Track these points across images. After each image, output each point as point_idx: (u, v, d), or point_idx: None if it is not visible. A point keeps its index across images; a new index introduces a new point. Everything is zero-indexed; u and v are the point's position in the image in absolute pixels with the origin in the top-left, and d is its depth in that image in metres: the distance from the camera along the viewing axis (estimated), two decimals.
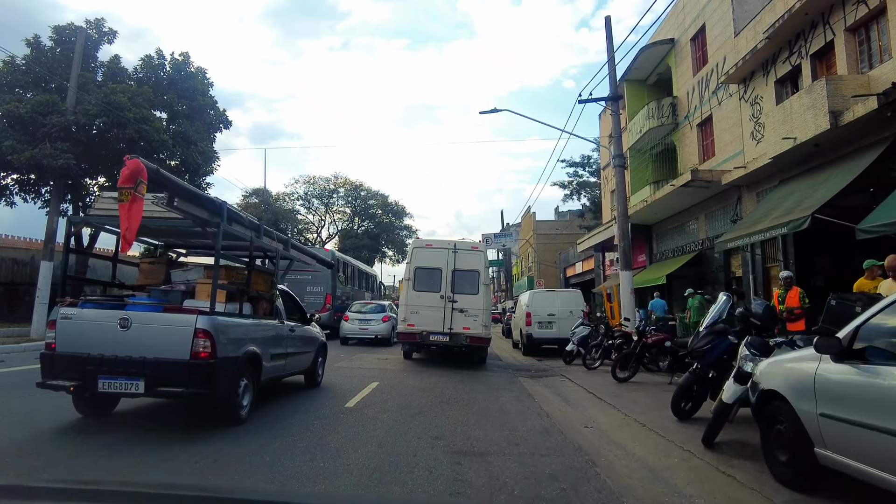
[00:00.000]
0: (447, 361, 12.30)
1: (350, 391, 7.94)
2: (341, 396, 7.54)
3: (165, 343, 4.82)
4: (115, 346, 4.77)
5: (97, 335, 4.83)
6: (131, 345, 4.78)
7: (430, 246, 11.45)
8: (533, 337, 15.51)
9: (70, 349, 4.83)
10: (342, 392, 7.91)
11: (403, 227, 47.68)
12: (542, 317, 15.32)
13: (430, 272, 11.10)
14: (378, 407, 6.91)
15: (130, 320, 4.87)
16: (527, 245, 49.68)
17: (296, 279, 16.69)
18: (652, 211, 18.17)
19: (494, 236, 30.92)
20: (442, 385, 9.15)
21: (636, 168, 21.40)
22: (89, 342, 4.80)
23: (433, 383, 9.32)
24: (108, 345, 4.78)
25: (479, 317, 10.98)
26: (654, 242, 20.99)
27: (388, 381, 9.22)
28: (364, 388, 8.26)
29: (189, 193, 5.17)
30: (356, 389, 8.08)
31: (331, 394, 7.81)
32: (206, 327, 4.85)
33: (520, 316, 17.07)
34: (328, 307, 17.97)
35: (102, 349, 4.77)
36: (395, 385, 8.91)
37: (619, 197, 14.59)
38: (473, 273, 11.21)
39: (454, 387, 9.02)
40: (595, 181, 39.20)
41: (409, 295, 11.03)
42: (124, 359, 4.73)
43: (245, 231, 6.04)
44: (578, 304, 15.71)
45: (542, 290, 18.96)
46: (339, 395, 7.71)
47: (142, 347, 4.78)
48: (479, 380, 10.16)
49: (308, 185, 44.60)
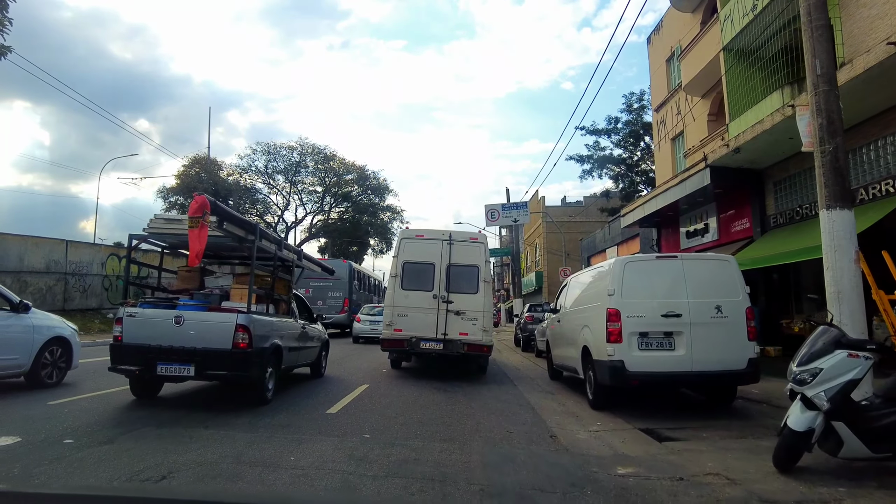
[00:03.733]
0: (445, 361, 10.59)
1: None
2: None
3: (212, 336, 5.96)
4: (171, 338, 5.92)
5: (156, 329, 6.00)
6: (184, 337, 5.93)
7: (421, 237, 10.05)
8: (626, 371, 6.15)
9: (134, 340, 5.97)
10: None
11: (386, 207, 39.33)
12: (649, 319, 6.20)
13: (420, 268, 9.73)
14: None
15: (183, 318, 6.02)
16: (533, 235, 42.02)
17: (319, 285, 19.41)
18: (781, 133, 10.26)
19: (503, 207, 23.05)
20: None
21: (736, 79, 13.42)
22: (149, 335, 5.96)
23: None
24: (165, 337, 5.93)
25: (479, 320, 9.43)
26: (769, 198, 13.02)
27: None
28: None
29: (235, 218, 6.60)
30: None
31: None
32: (245, 323, 6.01)
33: (579, 322, 7.52)
34: (346, 309, 20.79)
35: (160, 340, 5.92)
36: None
37: (816, 41, 6.43)
38: (472, 268, 9.70)
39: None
40: (619, 155, 31.31)
41: (396, 294, 9.63)
42: (178, 348, 5.90)
43: (270, 245, 7.30)
44: (735, 287, 6.47)
45: (642, 259, 7.52)
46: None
47: (192, 339, 5.93)
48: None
49: (267, 155, 36.29)
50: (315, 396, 7.25)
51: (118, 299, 23.47)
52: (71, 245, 21.09)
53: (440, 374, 9.89)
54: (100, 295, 22.38)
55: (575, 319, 7.72)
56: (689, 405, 7.13)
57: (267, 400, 6.43)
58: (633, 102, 31.13)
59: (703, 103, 16.62)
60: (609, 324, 6.12)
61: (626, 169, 32.19)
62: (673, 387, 7.22)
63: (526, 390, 8.31)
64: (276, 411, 6.03)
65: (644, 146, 31.97)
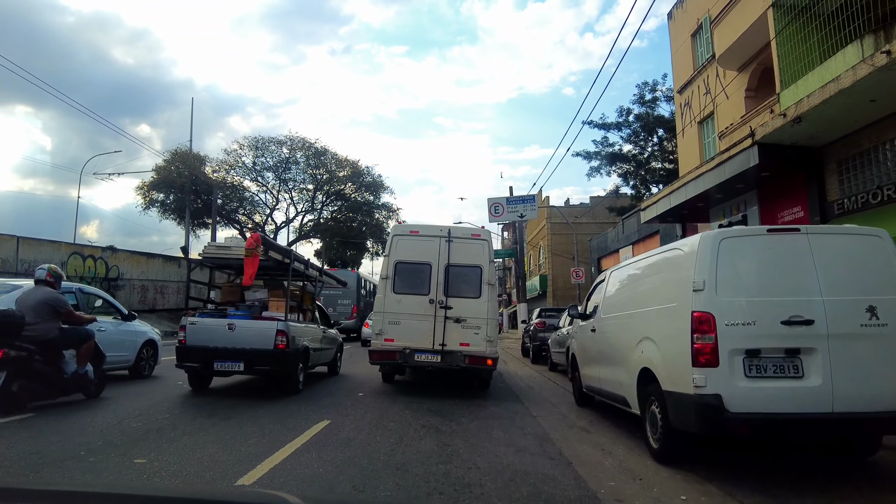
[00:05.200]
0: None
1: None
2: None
3: (257, 339, 7.42)
4: (225, 341, 7.37)
5: (213, 334, 7.44)
6: (235, 340, 7.39)
7: (416, 233, 9.20)
8: (727, 413, 3.78)
9: (195, 343, 7.42)
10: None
11: (382, 205, 36.76)
12: (762, 329, 3.81)
13: (415, 268, 8.84)
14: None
15: (235, 325, 7.49)
16: (537, 237, 40.06)
17: (330, 293, 20.66)
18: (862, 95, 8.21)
19: (507, 201, 20.52)
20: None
21: (791, 39, 11.38)
22: (208, 338, 7.41)
23: None
24: (220, 340, 7.38)
25: (482, 329, 8.40)
26: (831, 180, 10.92)
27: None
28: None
29: (277, 248, 8.75)
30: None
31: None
32: (283, 329, 7.47)
33: (633, 332, 5.18)
34: (354, 315, 22.63)
35: (216, 343, 7.36)
36: None
37: None
38: (474, 269, 8.74)
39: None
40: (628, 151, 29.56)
41: (387, 299, 8.68)
42: (231, 349, 7.34)
43: (299, 265, 8.88)
44: (894, 276, 4.06)
45: (746, 234, 4.88)
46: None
47: (242, 341, 7.39)
48: None
49: (255, 150, 33.94)
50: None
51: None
52: (23, 242, 18.82)
53: (434, 394, 8.32)
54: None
55: (624, 328, 5.48)
56: (796, 457, 4.89)
57: (298, 390, 7.90)
58: (645, 93, 29.12)
59: (740, 78, 14.54)
60: (696, 336, 3.84)
61: (635, 166, 30.19)
62: (801, 437, 4.54)
63: (550, 425, 6.06)
64: (304, 400, 7.63)
65: (655, 142, 29.97)
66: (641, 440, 5.05)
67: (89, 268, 21.69)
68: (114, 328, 8.36)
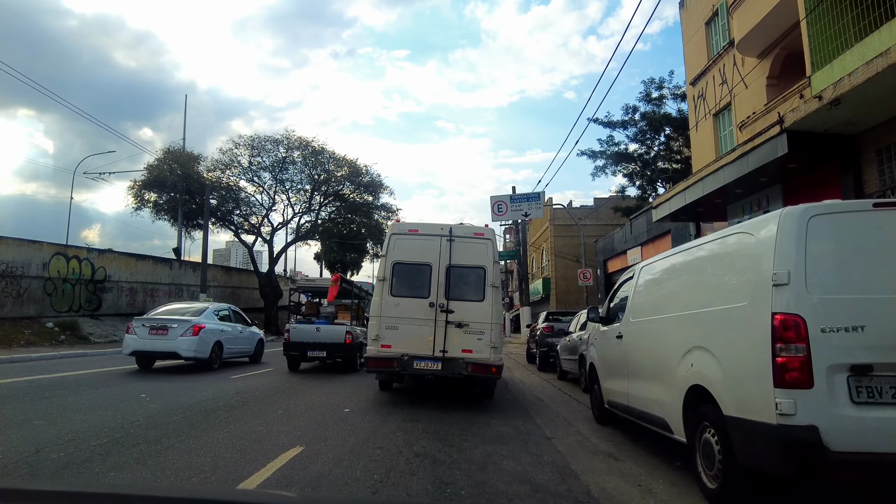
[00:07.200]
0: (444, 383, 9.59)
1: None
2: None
3: (334, 337, 11.92)
4: (314, 338, 11.89)
5: (306, 334, 11.95)
6: (320, 337, 11.91)
7: (415, 232, 8.73)
8: (828, 451, 2.79)
9: (295, 339, 11.91)
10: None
11: (381, 206, 35.38)
12: (873, 337, 2.82)
13: (414, 269, 8.45)
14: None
15: (320, 328, 12.05)
16: (539, 240, 39.11)
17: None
18: None
19: (511, 199, 19.47)
20: None
21: (823, 17, 10.42)
22: (303, 337, 11.91)
23: None
24: (311, 337, 11.90)
25: (486, 334, 7.91)
26: (869, 170, 10.03)
27: None
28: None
29: (349, 282, 15.18)
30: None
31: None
32: (350, 330, 12.04)
33: (679, 339, 4.17)
34: None
35: (308, 339, 11.88)
36: None
37: None
38: (477, 270, 8.33)
39: None
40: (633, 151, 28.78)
41: (385, 302, 8.25)
42: (318, 343, 11.86)
43: (357, 290, 14.59)
44: None
45: (843, 210, 3.35)
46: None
47: (324, 338, 11.90)
48: None
49: (252, 150, 32.92)
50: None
51: (65, 306, 20.31)
52: (2, 242, 17.84)
53: (432, 407, 7.63)
54: (40, 301, 19.10)
55: (663, 335, 4.48)
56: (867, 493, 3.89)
57: (357, 369, 12.07)
58: (651, 91, 28.15)
59: (761, 65, 13.60)
60: (780, 346, 2.85)
61: (641, 166, 29.23)
62: None
63: (569, 451, 5.06)
64: (361, 375, 9.31)
65: (662, 141, 29.01)
66: (686, 473, 4.07)
67: (73, 269, 20.70)
68: (244, 330, 13.50)
